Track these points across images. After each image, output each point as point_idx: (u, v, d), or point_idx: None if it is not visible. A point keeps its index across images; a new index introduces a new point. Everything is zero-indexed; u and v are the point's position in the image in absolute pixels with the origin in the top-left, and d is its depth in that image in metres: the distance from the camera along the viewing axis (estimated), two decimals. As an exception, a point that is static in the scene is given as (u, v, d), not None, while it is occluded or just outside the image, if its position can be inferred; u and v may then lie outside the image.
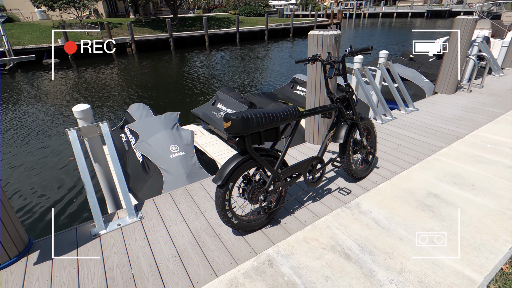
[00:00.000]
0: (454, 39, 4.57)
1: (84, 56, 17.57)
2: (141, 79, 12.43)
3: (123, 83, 11.78)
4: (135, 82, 11.92)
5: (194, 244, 1.97)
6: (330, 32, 2.81)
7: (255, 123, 1.73)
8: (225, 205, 1.85)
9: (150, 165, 3.58)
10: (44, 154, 5.90)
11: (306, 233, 2.03)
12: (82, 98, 9.79)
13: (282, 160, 1.98)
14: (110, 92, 10.48)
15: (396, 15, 45.41)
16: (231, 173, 1.81)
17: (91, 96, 9.97)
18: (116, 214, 2.29)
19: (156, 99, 9.61)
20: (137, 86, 11.27)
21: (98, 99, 9.53)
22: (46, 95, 10.27)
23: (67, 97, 9.91)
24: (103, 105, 8.98)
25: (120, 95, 10.10)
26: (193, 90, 10.51)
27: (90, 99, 9.61)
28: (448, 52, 4.70)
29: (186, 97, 9.77)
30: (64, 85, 11.63)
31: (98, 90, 10.69)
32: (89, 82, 12.03)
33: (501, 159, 2.87)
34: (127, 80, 12.25)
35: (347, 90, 2.26)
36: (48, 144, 6.35)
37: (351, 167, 2.46)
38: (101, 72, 14.14)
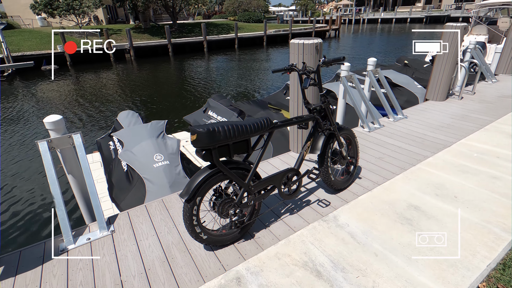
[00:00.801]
0: (444, 45, 4.54)
1: (82, 61, 17.70)
2: (139, 85, 12.46)
3: (120, 90, 11.80)
4: (132, 88, 11.94)
5: (163, 260, 1.91)
6: (311, 41, 2.78)
7: (222, 135, 1.69)
8: (192, 220, 1.80)
9: (133, 175, 3.53)
10: (35, 161, 5.86)
11: (279, 248, 1.97)
12: (78, 104, 9.79)
13: (254, 173, 1.93)
14: (106, 98, 10.49)
15: (395, 20, 45.68)
16: (198, 188, 1.76)
17: (87, 102, 9.97)
18: (87, 228, 2.23)
19: (152, 105, 9.61)
20: (134, 92, 11.29)
21: (93, 106, 9.53)
22: (42, 102, 10.29)
23: (64, 104, 9.92)
24: (98, 111, 8.97)
25: (116, 101, 10.10)
26: (190, 96, 10.52)
27: (86, 105, 9.62)
28: (438, 58, 4.67)
29: (183, 103, 9.76)
30: (61, 92, 11.65)
31: (94, 97, 10.70)
32: (86, 88, 12.06)
33: (487, 169, 2.81)
34: (124, 86, 12.28)
35: (323, 100, 2.21)
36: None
37: (330, 178, 2.41)
38: (99, 78, 14.20)
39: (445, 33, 4.46)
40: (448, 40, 4.45)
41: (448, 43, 4.45)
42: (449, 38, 4.44)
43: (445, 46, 4.47)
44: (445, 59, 4.57)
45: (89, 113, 8.84)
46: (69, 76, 14.86)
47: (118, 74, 15.15)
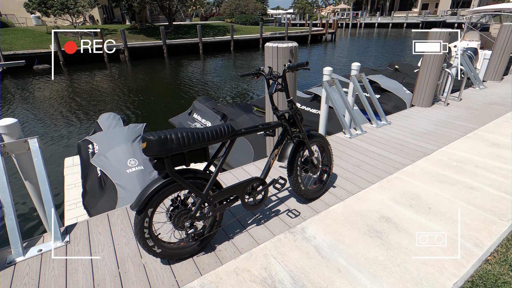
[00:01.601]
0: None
1: (76, 61, 17.54)
2: (131, 86, 12.33)
3: (112, 90, 11.66)
4: (124, 89, 11.81)
5: (115, 275, 1.80)
6: (285, 45, 2.69)
7: (175, 143, 1.59)
8: (144, 233, 1.69)
9: (106, 180, 3.41)
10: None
11: (239, 263, 1.87)
12: (66, 104, 9.63)
13: (213, 182, 1.83)
14: (96, 98, 10.34)
15: (391, 25, 45.96)
16: (149, 199, 1.65)
17: (75, 102, 9.82)
18: (42, 238, 2.12)
19: (143, 106, 9.47)
20: (125, 93, 11.16)
21: (81, 106, 9.39)
22: (30, 101, 10.12)
23: (52, 103, 9.76)
24: (85, 112, 8.83)
25: (106, 102, 9.96)
26: (183, 98, 10.40)
27: (73, 105, 9.47)
28: (423, 64, 4.61)
29: (175, 104, 9.63)
30: (52, 91, 11.49)
31: (83, 97, 10.56)
32: (76, 88, 11.90)
33: (465, 178, 2.73)
34: (116, 87, 12.14)
35: (290, 107, 2.12)
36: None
37: (300, 188, 2.31)
38: (91, 78, 14.04)
39: (431, 35, 4.40)
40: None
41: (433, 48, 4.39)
42: (434, 40, 4.38)
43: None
44: (431, 65, 4.51)
45: (76, 114, 8.70)
46: (61, 76, 14.69)
47: (111, 75, 14.99)
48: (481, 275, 1.76)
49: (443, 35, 4.28)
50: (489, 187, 2.59)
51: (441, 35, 4.30)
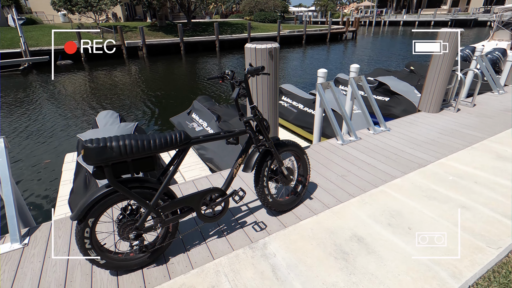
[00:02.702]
0: (437, 54, 4.15)
1: (97, 58, 18.13)
2: (147, 82, 12.58)
3: (128, 86, 11.93)
4: (140, 85, 12.06)
5: (60, 283, 1.76)
6: (264, 46, 2.55)
7: (115, 152, 1.50)
8: (84, 243, 1.62)
9: (90, 180, 3.42)
10: (24, 155, 5.94)
11: (188, 279, 1.76)
12: (82, 99, 9.95)
13: (162, 192, 1.73)
14: (111, 94, 10.60)
15: (417, 23, 43.92)
16: (89, 208, 1.58)
17: (93, 98, 10.12)
18: (3, 238, 2.12)
19: (156, 103, 9.60)
20: (140, 89, 11.39)
21: (97, 102, 9.66)
22: (53, 95, 10.54)
23: (69, 98, 10.12)
24: (99, 107, 9.06)
25: (119, 97, 10.19)
26: (195, 95, 10.43)
27: (89, 100, 9.75)
28: (431, 67, 4.28)
29: (186, 101, 9.65)
30: (72, 86, 11.93)
31: (101, 93, 10.86)
32: (96, 84, 12.29)
33: (458, 196, 2.47)
34: (132, 83, 12.42)
35: (253, 113, 1.98)
36: (34, 144, 6.41)
37: (267, 199, 2.17)
38: (110, 74, 14.45)
39: (440, 35, 4.06)
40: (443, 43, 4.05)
41: (442, 49, 4.06)
42: (444, 40, 4.04)
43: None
44: (439, 67, 4.17)
45: (92, 108, 8.96)
46: (82, 71, 15.23)
47: (129, 71, 15.36)
48: (452, 312, 1.55)
49: (453, 35, 3.94)
50: (484, 207, 2.32)
51: (450, 35, 3.96)
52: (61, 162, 4.99)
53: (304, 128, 5.73)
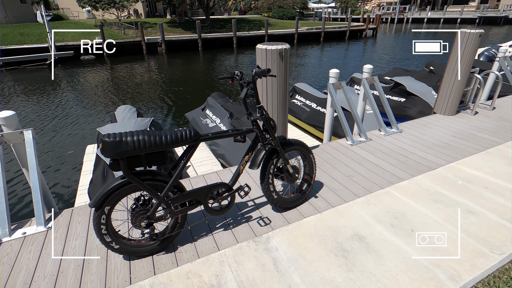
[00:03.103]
0: (455, 54, 4.06)
1: (117, 53, 18.70)
2: (165, 77, 12.91)
3: (147, 81, 12.29)
4: (158, 80, 12.40)
5: (79, 264, 1.92)
6: (274, 47, 2.61)
7: (130, 146, 1.63)
8: (101, 229, 1.77)
9: (108, 171, 3.62)
10: (49, 146, 6.31)
11: (194, 267, 1.88)
12: (105, 94, 10.35)
13: (172, 185, 1.85)
14: (130, 88, 10.97)
15: (443, 21, 42.20)
16: (106, 197, 1.73)
17: (113, 92, 10.52)
18: (29, 221, 2.32)
19: (173, 98, 9.85)
20: (158, 84, 11.71)
21: (117, 96, 10.03)
22: (76, 89, 11.05)
23: (96, 91, 10.57)
24: (118, 100, 9.41)
25: (138, 92, 10.53)
26: (210, 91, 10.60)
27: (110, 94, 10.14)
28: (448, 68, 4.19)
29: (202, 97, 9.83)
30: (94, 80, 12.42)
31: (121, 87, 11.26)
32: (116, 79, 12.73)
33: (465, 200, 2.46)
34: (151, 78, 12.78)
35: (260, 113, 2.06)
36: (56, 135, 6.79)
37: (272, 196, 2.25)
38: (130, 69, 14.91)
39: (459, 35, 3.96)
40: (461, 44, 3.95)
41: (461, 48, 3.96)
42: (463, 41, 3.95)
43: (456, 54, 3.99)
44: (457, 68, 4.08)
45: (113, 101, 9.32)
46: (104, 65, 15.79)
47: (148, 67, 15.77)
48: (447, 313, 1.59)
49: (472, 36, 3.84)
50: (491, 213, 2.30)
51: (469, 36, 3.86)
52: (82, 153, 5.27)
53: (316, 127, 5.75)
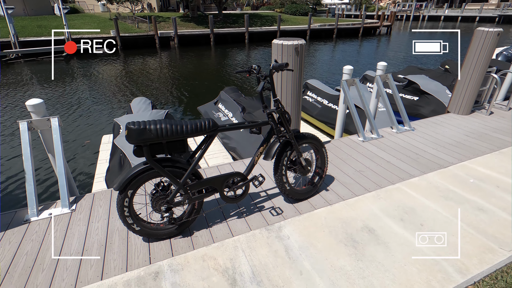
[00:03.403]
0: (472, 53, 4.02)
1: (131, 46, 18.98)
2: (177, 71, 13.08)
3: (159, 74, 12.48)
4: (170, 74, 12.58)
5: (102, 244, 2.05)
6: (291, 42, 2.66)
7: (153, 134, 1.73)
8: (124, 211, 1.88)
9: (124, 160, 3.76)
10: (67, 135, 6.53)
11: (210, 250, 1.98)
12: (119, 86, 10.58)
13: (191, 172, 1.95)
14: (143, 81, 11.17)
15: (460, 19, 41.04)
16: (129, 181, 1.83)
17: (127, 84, 10.73)
18: (55, 203, 2.46)
19: (184, 91, 10.01)
20: (172, 78, 11.90)
21: (130, 88, 10.24)
22: (91, 81, 11.32)
23: (111, 83, 10.81)
24: (130, 93, 9.61)
25: (153, 85, 10.71)
26: (222, 85, 10.71)
27: (125, 87, 10.36)
28: (464, 67, 4.15)
29: (212, 91, 9.95)
30: (109, 73, 12.69)
31: (135, 80, 11.48)
32: (130, 72, 12.97)
33: (476, 198, 2.48)
34: (163, 72, 12.97)
35: (276, 106, 2.13)
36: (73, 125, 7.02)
37: (285, 187, 2.33)
38: (144, 62, 15.13)
39: (476, 34, 3.92)
40: (478, 43, 3.91)
41: (478, 46, 3.92)
42: (480, 40, 3.91)
43: (473, 53, 3.95)
44: (472, 68, 4.04)
45: (127, 93, 9.53)
46: (117, 59, 16.07)
47: (160, 60, 15.98)
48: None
49: (490, 35, 3.79)
50: (502, 211, 2.32)
51: (487, 35, 3.82)
52: (98, 143, 5.45)
53: (327, 123, 5.77)
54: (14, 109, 8.23)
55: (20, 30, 17.30)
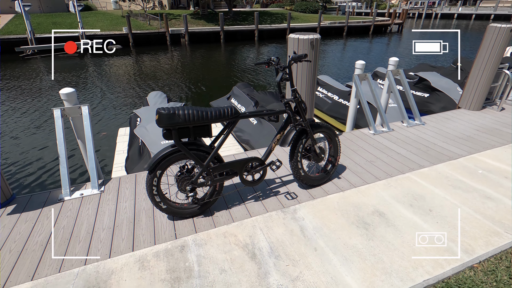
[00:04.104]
0: (484, 49, 4.06)
1: (143, 43, 19.30)
2: (189, 68, 13.31)
3: (171, 70, 12.71)
4: (183, 70, 12.81)
5: (131, 221, 2.22)
6: (306, 36, 2.79)
7: (181, 119, 1.89)
8: (152, 190, 2.05)
9: (144, 149, 3.95)
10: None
11: (230, 228, 2.14)
12: (131, 81, 10.85)
13: (214, 156, 2.10)
14: (155, 77, 11.42)
15: (474, 17, 40.21)
16: (158, 162, 2.00)
17: (140, 80, 10.99)
18: (85, 185, 2.65)
19: (195, 88, 10.21)
20: (183, 74, 12.11)
21: (143, 84, 10.49)
22: (105, 76, 11.63)
23: (123, 78, 11.10)
24: (146, 89, 9.86)
25: (165, 80, 10.95)
26: (233, 82, 10.87)
27: (137, 82, 10.62)
28: (476, 63, 4.20)
29: (223, 88, 10.12)
30: (122, 68, 12.99)
31: (147, 75, 11.74)
32: (142, 68, 13.25)
33: (484, 188, 2.57)
34: (176, 68, 13.20)
35: (293, 96, 2.26)
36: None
37: (300, 173, 2.46)
38: (155, 59, 15.41)
39: (489, 30, 3.96)
40: (491, 39, 3.95)
41: (490, 43, 3.96)
42: (492, 36, 3.95)
43: (485, 49, 3.99)
44: (484, 64, 4.09)
45: (140, 88, 9.78)
46: (130, 55, 16.39)
47: (172, 57, 16.24)
48: (459, 279, 1.75)
49: (503, 31, 3.83)
50: (509, 199, 2.41)
51: (500, 31, 3.86)
52: (115, 135, 5.67)
53: (337, 119, 5.87)
54: (35, 100, 8.56)
55: (36, 27, 17.78)
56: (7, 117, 7.48)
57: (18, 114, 7.67)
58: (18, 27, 17.81)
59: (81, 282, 1.73)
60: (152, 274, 1.78)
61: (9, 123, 7.07)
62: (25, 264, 1.85)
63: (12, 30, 17.44)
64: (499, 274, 1.78)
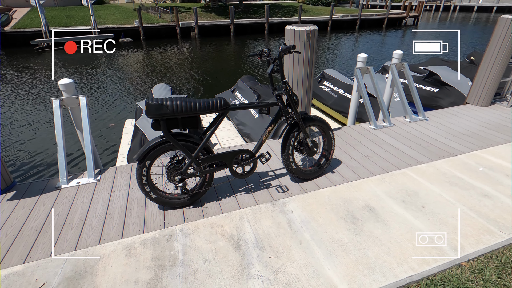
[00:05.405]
0: (494, 43, 3.90)
1: (153, 36, 19.45)
2: (198, 61, 13.36)
3: (180, 64, 12.80)
4: (192, 63, 12.88)
5: (123, 209, 2.28)
6: (302, 28, 2.74)
7: (169, 109, 1.91)
8: (142, 179, 2.09)
9: (145, 141, 4.01)
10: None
11: (218, 219, 2.16)
12: (141, 74, 10.98)
13: (203, 147, 2.11)
14: (165, 70, 11.52)
15: (496, 9, 38.49)
16: (147, 152, 2.03)
17: (149, 72, 11.12)
18: (82, 174, 2.72)
19: (203, 80, 10.25)
20: (192, 67, 12.17)
21: (152, 76, 10.60)
22: (116, 68, 11.82)
23: (133, 71, 11.26)
24: (154, 81, 9.97)
25: (173, 73, 11.03)
26: (240, 75, 10.85)
27: (147, 75, 10.74)
28: (485, 58, 4.03)
29: (230, 81, 10.12)
30: (132, 61, 13.16)
31: (156, 68, 11.86)
32: (152, 60, 13.39)
33: (483, 185, 2.49)
34: (185, 61, 13.28)
35: (284, 88, 2.24)
36: (96, 110, 7.44)
37: (291, 166, 2.45)
38: (165, 52, 15.53)
39: (500, 22, 3.79)
40: (501, 31, 3.78)
41: (501, 35, 3.79)
42: (504, 28, 3.78)
43: (495, 42, 3.83)
44: (493, 58, 3.92)
45: (149, 80, 9.90)
46: (140, 48, 16.56)
47: (181, 50, 16.31)
48: (444, 276, 1.72)
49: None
50: (507, 198, 2.33)
51: (511, 23, 3.68)
52: (122, 126, 5.78)
53: (342, 113, 5.79)
54: (41, 90, 8.80)
55: (50, 20, 18.14)
56: (25, 106, 7.72)
57: (34, 104, 7.90)
58: (34, 20, 18.21)
59: (70, 267, 1.79)
60: (137, 261, 1.82)
61: (23, 112, 7.29)
62: (19, 247, 1.93)
63: (28, 23, 17.86)
64: (487, 273, 1.74)
